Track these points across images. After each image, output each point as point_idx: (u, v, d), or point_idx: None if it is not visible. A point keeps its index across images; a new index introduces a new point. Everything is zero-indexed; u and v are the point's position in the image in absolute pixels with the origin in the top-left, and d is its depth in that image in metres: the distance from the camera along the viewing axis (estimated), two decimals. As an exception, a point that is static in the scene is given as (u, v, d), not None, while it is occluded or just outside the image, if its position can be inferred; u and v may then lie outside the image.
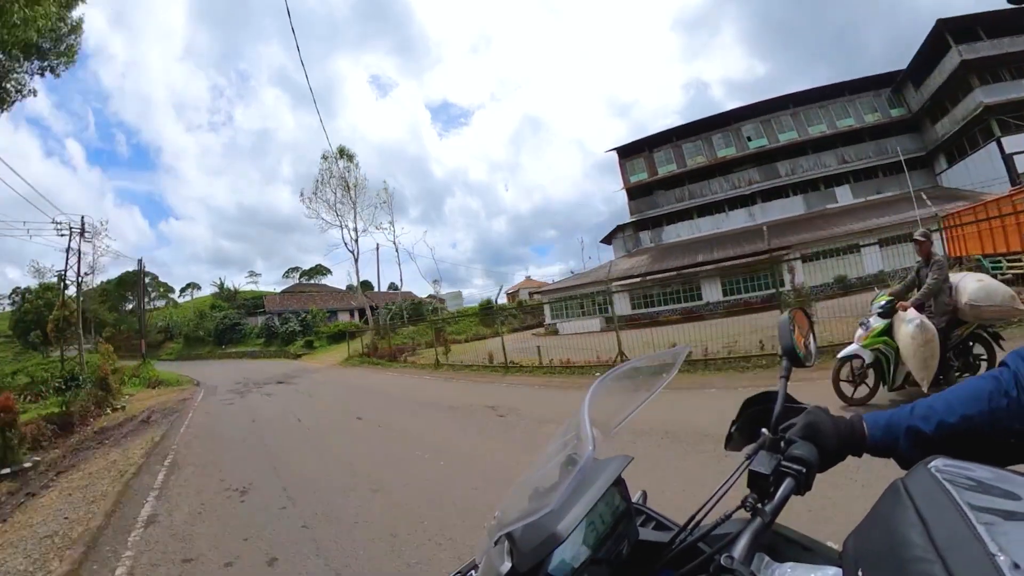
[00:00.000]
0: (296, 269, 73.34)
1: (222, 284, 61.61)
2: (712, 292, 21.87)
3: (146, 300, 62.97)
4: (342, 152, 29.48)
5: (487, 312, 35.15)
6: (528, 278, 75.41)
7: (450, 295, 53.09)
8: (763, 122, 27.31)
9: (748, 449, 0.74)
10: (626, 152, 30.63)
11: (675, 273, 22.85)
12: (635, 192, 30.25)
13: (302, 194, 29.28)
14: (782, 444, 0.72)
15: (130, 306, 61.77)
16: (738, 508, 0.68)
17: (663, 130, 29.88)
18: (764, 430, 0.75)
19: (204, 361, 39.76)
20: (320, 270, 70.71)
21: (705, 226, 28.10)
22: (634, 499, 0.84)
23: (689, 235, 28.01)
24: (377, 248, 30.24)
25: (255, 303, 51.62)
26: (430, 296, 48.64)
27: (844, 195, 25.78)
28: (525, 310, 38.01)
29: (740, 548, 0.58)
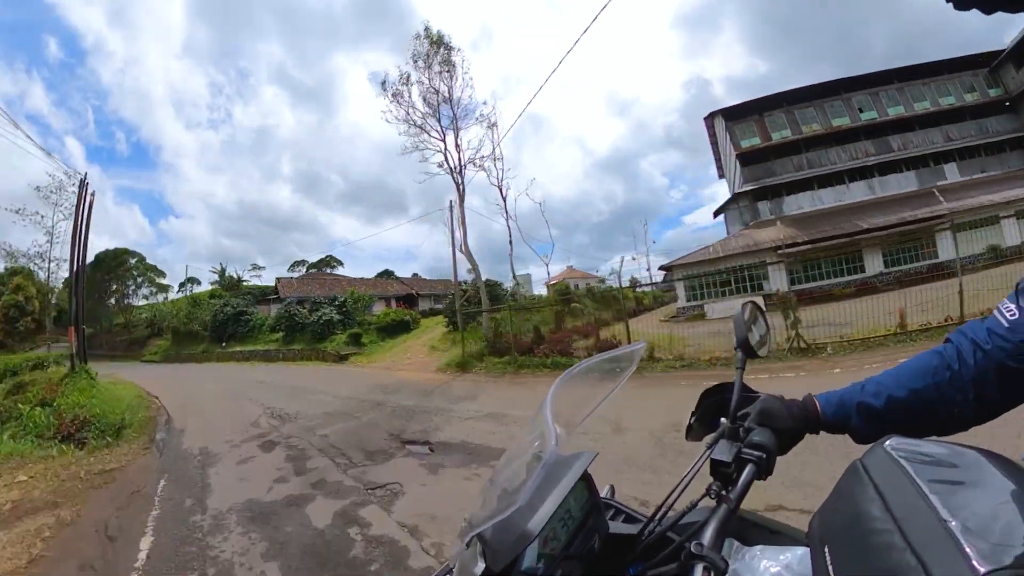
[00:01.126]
0: (302, 262, 62.39)
1: (223, 270, 49.56)
2: (875, 263, 20.59)
3: (132, 287, 51.18)
4: (438, 40, 17.52)
5: (566, 299, 25.90)
6: (570, 267, 67.49)
7: (521, 279, 43.41)
8: (871, 94, 26.42)
9: (709, 439, 0.76)
10: (733, 114, 27.55)
11: (846, 240, 20.38)
12: (747, 158, 27.32)
13: (384, 85, 17.34)
14: (741, 432, 0.74)
15: (114, 298, 50.01)
16: (703, 496, 0.68)
17: (772, 93, 27.38)
18: (723, 419, 0.77)
19: (196, 365, 27.76)
20: (329, 262, 61.32)
21: (827, 197, 26.04)
22: (602, 494, 0.83)
23: (812, 206, 25.98)
24: (451, 207, 18.32)
25: (263, 293, 39.89)
26: (468, 283, 37.91)
27: (952, 173, 25.34)
28: (604, 294, 27.31)
29: (709, 535, 0.58)
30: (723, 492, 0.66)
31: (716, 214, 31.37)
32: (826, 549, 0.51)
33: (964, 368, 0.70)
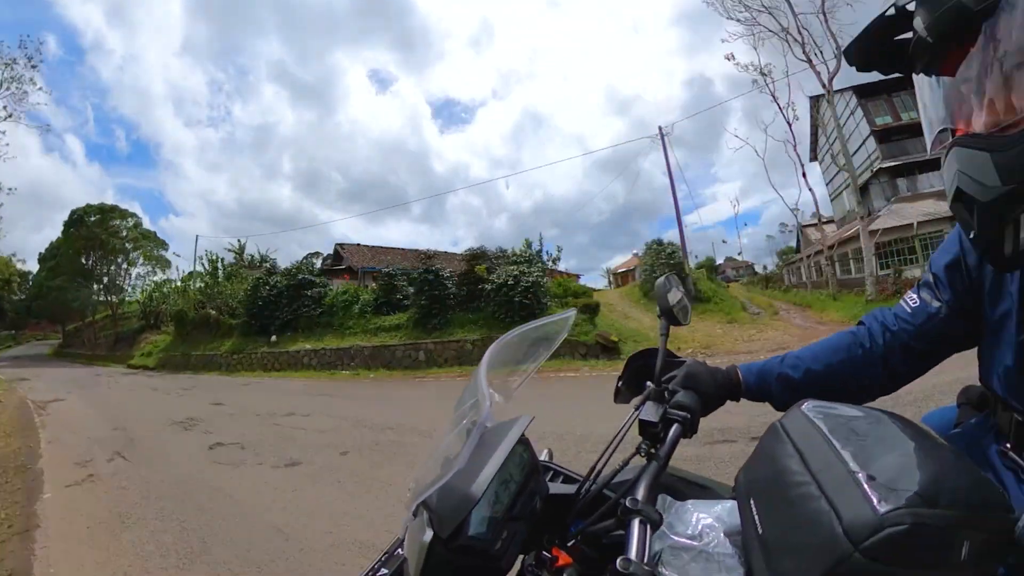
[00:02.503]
0: (317, 254, 48.45)
1: (242, 248, 35.07)
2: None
3: (124, 265, 36.81)
4: None
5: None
6: (635, 255, 60.32)
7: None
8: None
9: (636, 401, 0.80)
10: (865, 92, 26.68)
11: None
12: (882, 136, 26.89)
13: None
14: (666, 394, 0.79)
15: (101, 281, 35.71)
16: (634, 455, 0.72)
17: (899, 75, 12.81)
18: (649, 383, 0.83)
19: (227, 384, 13.91)
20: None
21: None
22: (541, 457, 0.85)
23: (941, 185, 5.69)
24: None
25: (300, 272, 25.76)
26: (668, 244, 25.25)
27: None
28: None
29: (642, 490, 0.62)
30: (652, 450, 0.70)
31: (861, 190, 30.53)
32: (752, 501, 0.56)
33: (875, 346, 0.81)
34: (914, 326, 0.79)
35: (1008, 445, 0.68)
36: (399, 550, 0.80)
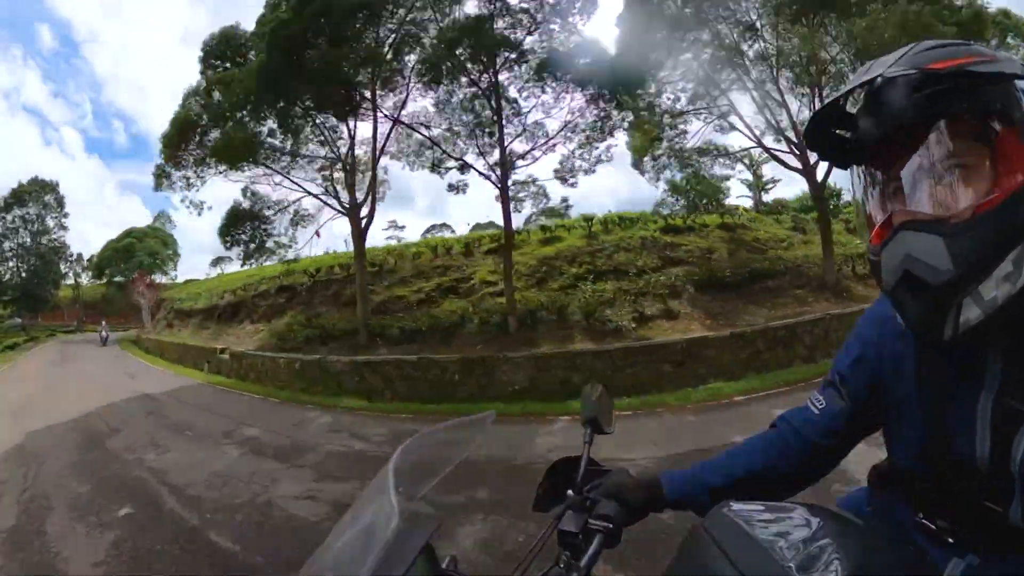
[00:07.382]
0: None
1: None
2: None
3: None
4: None
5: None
6: None
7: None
8: None
9: (556, 510, 0.78)
10: None
11: None
12: None
13: None
14: (587, 503, 0.78)
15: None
16: (552, 567, 0.70)
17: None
18: (570, 492, 0.81)
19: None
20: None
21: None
22: (443, 565, 0.77)
23: None
24: None
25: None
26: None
27: None
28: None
29: None
30: (573, 561, 0.68)
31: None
32: None
33: (788, 447, 0.85)
34: (821, 426, 0.83)
35: (919, 511, 0.72)
36: None
